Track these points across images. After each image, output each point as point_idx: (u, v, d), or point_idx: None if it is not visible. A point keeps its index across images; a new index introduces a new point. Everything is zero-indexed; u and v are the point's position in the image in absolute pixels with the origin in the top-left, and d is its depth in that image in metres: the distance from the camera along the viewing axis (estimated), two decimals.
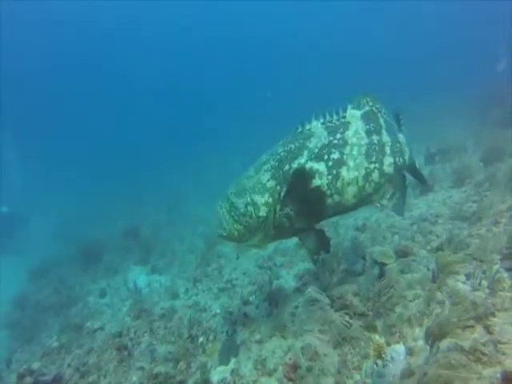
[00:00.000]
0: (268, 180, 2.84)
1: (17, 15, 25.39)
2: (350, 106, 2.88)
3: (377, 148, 2.83)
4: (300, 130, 2.90)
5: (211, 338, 3.74)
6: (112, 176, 17.47)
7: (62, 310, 6.35)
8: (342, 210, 2.98)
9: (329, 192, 2.76)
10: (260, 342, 3.20)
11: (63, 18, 30.04)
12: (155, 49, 38.78)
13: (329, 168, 2.73)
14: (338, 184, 2.75)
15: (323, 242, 3.12)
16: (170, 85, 39.56)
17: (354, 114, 2.84)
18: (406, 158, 3.08)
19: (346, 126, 2.80)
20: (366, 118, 2.84)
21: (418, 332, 2.26)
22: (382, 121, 2.92)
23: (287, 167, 2.80)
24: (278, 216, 2.86)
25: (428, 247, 3.89)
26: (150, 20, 36.16)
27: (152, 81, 38.55)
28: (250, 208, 2.83)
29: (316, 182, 2.73)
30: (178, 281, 5.64)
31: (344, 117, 2.84)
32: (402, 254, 3.88)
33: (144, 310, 4.69)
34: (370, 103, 2.88)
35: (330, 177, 2.73)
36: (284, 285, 4.48)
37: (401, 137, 3.10)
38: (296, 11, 36.11)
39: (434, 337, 1.94)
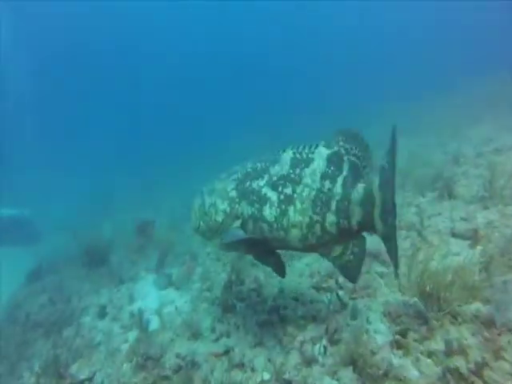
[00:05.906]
0: (232, 189, 2.79)
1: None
2: (322, 143, 2.53)
3: (324, 198, 2.43)
4: (275, 152, 2.69)
5: None
6: (126, 166, 16.26)
7: (54, 330, 4.96)
8: (290, 248, 2.64)
9: (275, 225, 2.53)
10: None
11: (63, 22, 30.61)
12: (162, 49, 41.02)
13: (280, 201, 2.54)
14: (284, 222, 2.51)
15: (277, 266, 2.87)
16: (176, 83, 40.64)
17: (321, 152, 2.50)
18: (353, 221, 2.39)
19: (308, 162, 2.52)
20: (331, 159, 2.47)
21: None
22: (345, 166, 2.45)
23: (248, 184, 2.71)
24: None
25: None
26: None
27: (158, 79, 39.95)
28: (212, 209, 2.84)
29: (265, 210, 2.56)
30: (200, 305, 4.04)
31: (313, 152, 2.52)
32: None
33: (151, 356, 3.13)
34: (341, 143, 2.47)
35: (278, 210, 2.53)
36: (367, 327, 2.82)
37: (356, 193, 2.39)
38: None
39: None
